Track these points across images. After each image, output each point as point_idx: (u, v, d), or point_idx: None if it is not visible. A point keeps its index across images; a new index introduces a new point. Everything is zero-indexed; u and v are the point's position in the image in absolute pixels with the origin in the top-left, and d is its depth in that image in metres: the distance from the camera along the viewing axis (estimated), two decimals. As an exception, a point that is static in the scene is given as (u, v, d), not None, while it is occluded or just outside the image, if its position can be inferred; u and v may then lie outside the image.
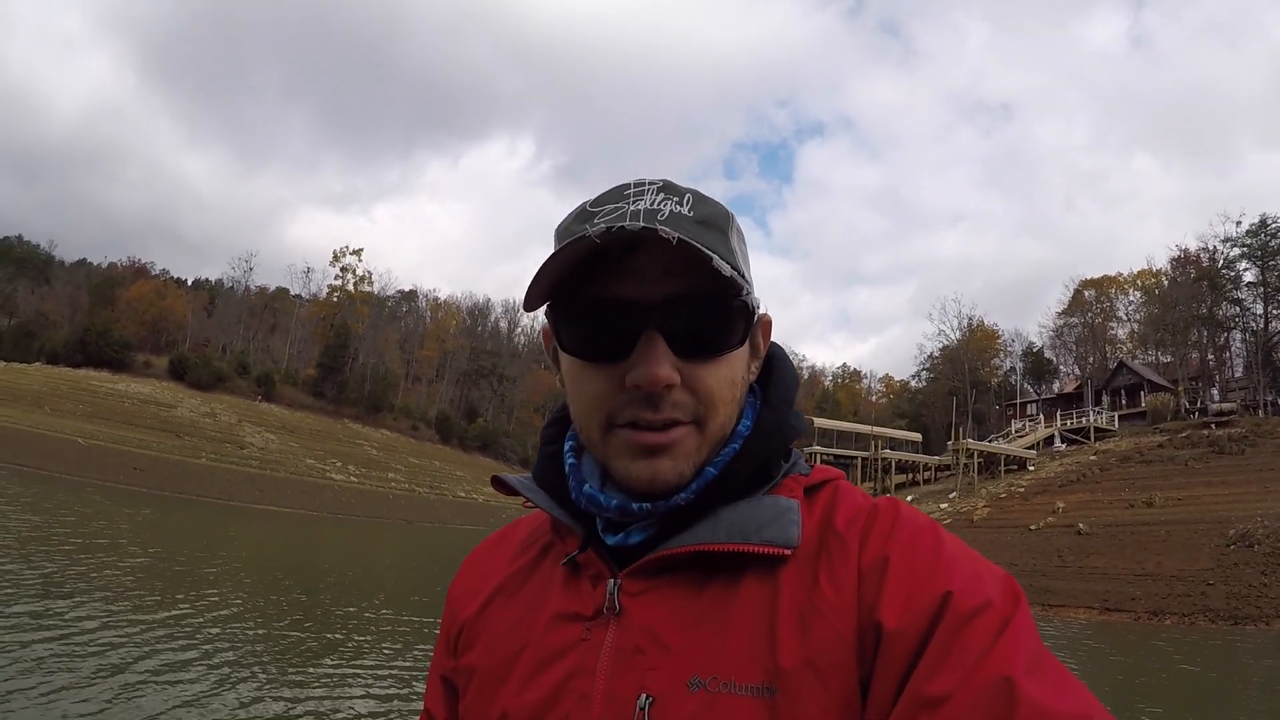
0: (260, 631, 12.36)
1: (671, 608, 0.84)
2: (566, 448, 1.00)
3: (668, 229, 0.80)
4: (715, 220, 0.89)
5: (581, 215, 0.90)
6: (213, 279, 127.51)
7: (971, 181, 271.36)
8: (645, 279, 0.85)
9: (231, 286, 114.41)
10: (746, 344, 0.92)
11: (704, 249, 0.81)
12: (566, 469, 0.97)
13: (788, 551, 0.83)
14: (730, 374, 0.89)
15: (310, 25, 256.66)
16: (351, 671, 10.67)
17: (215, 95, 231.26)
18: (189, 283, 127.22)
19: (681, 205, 0.88)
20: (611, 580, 0.88)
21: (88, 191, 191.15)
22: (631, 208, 0.87)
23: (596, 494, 0.91)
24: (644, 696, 0.80)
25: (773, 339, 1.02)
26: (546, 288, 0.86)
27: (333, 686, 9.78)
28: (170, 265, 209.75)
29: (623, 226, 0.80)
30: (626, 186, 0.91)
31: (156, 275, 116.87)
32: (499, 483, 1.04)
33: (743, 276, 0.87)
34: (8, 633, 9.61)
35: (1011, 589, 0.79)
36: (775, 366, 1.00)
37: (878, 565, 0.80)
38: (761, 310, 0.94)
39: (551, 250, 0.85)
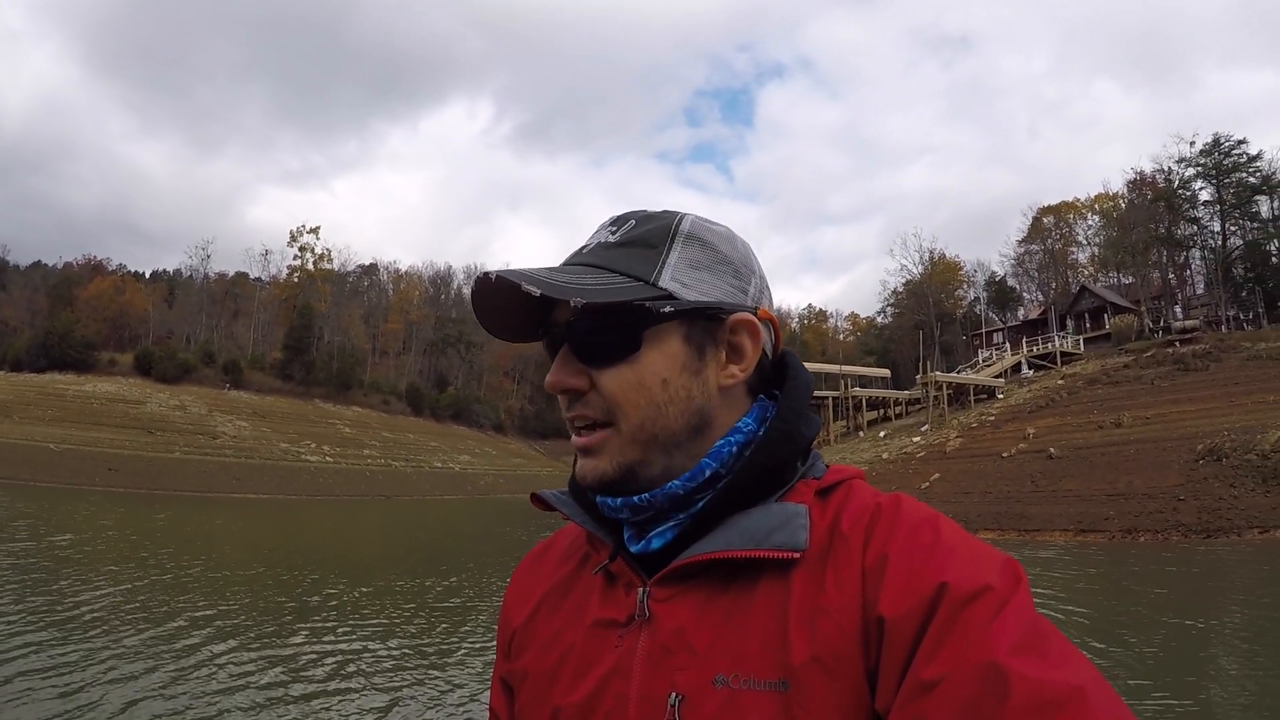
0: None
1: (696, 611, 0.89)
2: None
3: (514, 272, 0.89)
4: (646, 238, 0.96)
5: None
6: (170, 270, 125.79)
7: (934, 115, 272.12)
8: (565, 306, 0.93)
9: (190, 276, 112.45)
10: (675, 345, 0.95)
11: (518, 279, 0.88)
12: None
13: (796, 555, 0.87)
14: (637, 377, 0.93)
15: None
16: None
17: (163, 81, 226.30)
18: (147, 276, 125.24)
19: (616, 232, 0.97)
20: (641, 588, 0.93)
21: (38, 191, 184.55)
22: (581, 247, 0.99)
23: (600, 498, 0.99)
24: (674, 695, 0.85)
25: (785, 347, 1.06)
26: (499, 327, 1.00)
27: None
28: (127, 259, 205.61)
29: (486, 274, 0.90)
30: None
31: (113, 271, 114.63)
32: (537, 499, 1.09)
33: (650, 282, 0.93)
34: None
35: (1012, 571, 0.81)
36: (788, 375, 1.03)
37: (879, 562, 0.84)
38: (742, 315, 0.97)
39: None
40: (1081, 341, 63.63)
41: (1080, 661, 0.74)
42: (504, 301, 0.95)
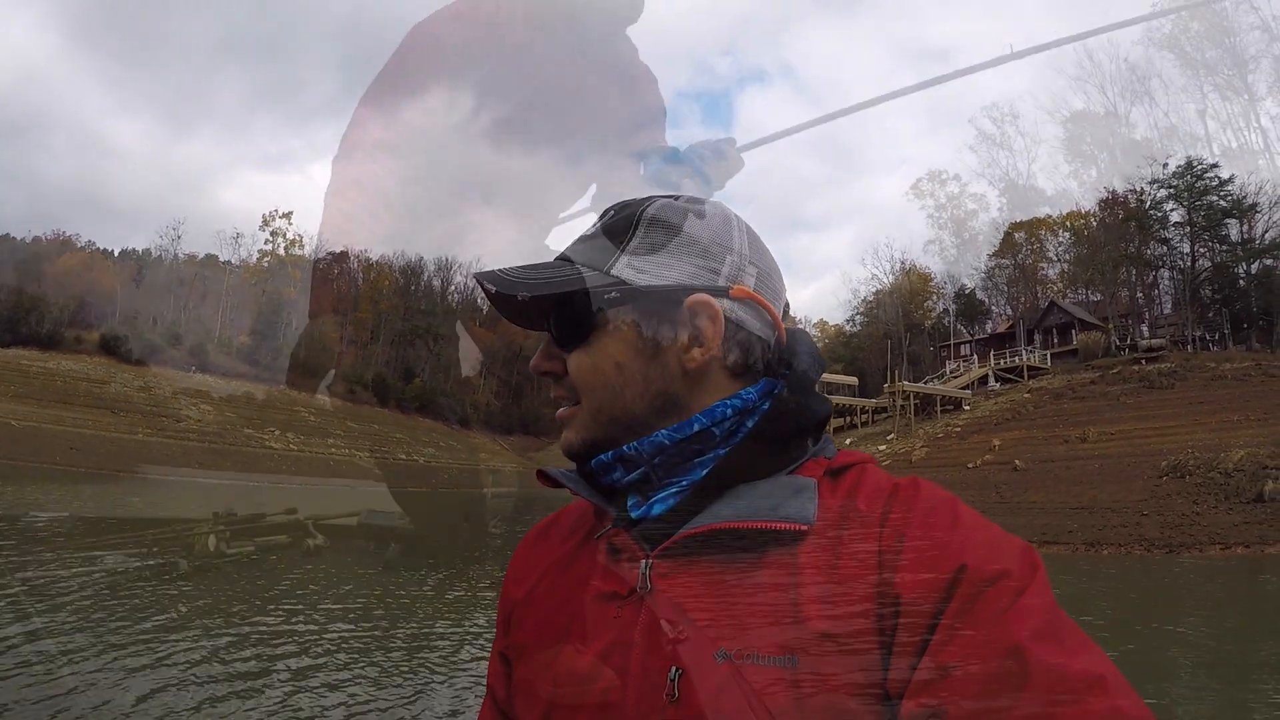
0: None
1: (699, 584, 0.88)
2: None
3: (485, 273, 0.99)
4: (613, 227, 1.01)
5: None
6: (140, 249, 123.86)
7: (915, 127, 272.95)
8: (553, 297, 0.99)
9: (160, 256, 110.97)
10: (628, 330, 0.98)
11: (482, 278, 0.98)
12: None
13: (804, 527, 0.86)
14: (593, 361, 0.98)
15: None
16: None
17: (141, 56, 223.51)
18: (116, 253, 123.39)
19: (596, 224, 1.04)
20: (644, 560, 0.93)
21: (8, 163, 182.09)
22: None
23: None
24: (674, 669, 0.84)
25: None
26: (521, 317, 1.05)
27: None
28: (96, 236, 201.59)
29: (475, 275, 0.97)
30: None
31: (82, 247, 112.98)
32: (543, 476, 1.08)
33: (604, 271, 0.98)
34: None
35: (1029, 559, 0.81)
36: (797, 351, 1.04)
37: (896, 540, 0.83)
38: (698, 297, 0.96)
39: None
40: (1049, 356, 63.90)
41: (1097, 651, 0.74)
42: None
